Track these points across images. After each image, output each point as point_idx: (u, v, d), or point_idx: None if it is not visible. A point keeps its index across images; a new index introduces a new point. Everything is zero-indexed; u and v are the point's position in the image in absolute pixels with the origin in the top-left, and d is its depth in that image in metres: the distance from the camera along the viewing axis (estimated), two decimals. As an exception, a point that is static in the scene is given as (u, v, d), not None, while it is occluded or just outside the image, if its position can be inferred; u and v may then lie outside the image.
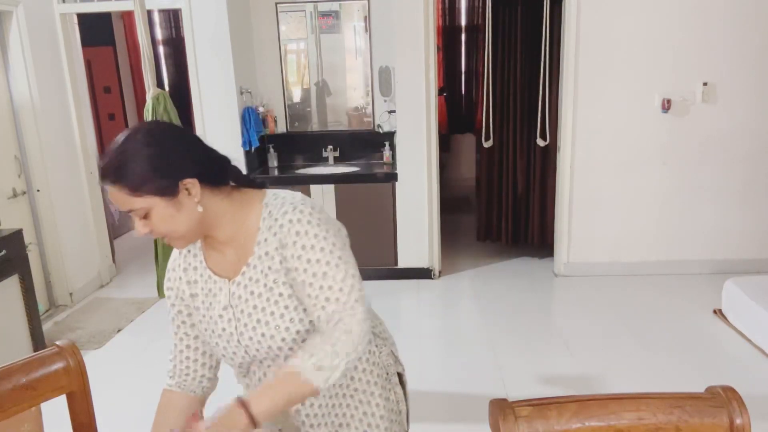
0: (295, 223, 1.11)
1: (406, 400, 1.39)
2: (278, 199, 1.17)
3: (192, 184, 1.08)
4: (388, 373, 1.32)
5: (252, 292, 1.16)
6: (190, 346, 1.29)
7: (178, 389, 1.30)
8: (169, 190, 1.06)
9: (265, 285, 1.15)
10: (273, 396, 1.07)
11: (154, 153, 1.05)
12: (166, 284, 1.30)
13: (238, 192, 1.18)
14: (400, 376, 1.38)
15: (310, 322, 1.15)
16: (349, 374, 1.26)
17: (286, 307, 1.15)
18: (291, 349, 1.16)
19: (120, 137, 1.08)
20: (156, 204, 1.06)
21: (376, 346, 1.31)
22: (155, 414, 1.31)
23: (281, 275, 1.14)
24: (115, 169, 1.05)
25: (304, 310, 1.14)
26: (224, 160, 1.17)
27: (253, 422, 1.05)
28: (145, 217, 1.08)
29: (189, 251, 1.25)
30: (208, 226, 1.14)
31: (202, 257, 1.23)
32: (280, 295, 1.14)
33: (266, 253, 1.14)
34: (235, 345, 1.20)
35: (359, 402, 1.28)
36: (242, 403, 1.05)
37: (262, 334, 1.16)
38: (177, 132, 1.14)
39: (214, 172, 1.13)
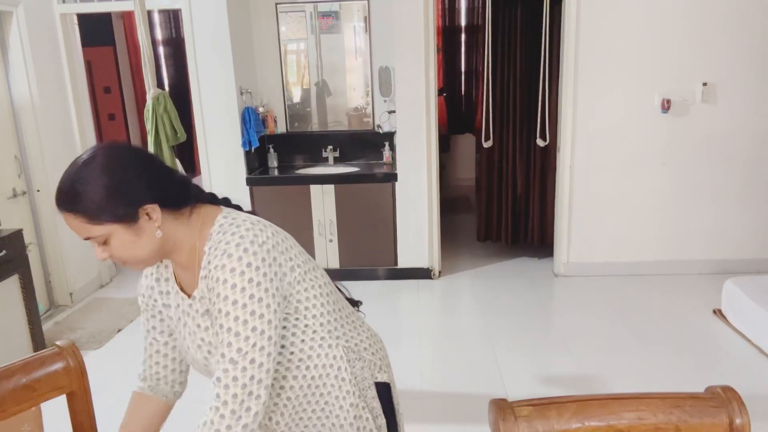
0: (219, 269, 1.05)
1: (392, 411, 1.36)
2: (221, 232, 1.10)
3: (152, 209, 1.07)
4: (361, 389, 1.26)
5: (198, 325, 1.17)
6: (160, 352, 1.30)
7: (150, 392, 1.32)
8: (128, 216, 1.04)
9: (205, 318, 1.16)
10: None
11: (112, 179, 1.03)
12: (138, 290, 1.29)
13: (197, 214, 1.15)
14: (383, 385, 1.33)
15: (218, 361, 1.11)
16: (318, 391, 1.23)
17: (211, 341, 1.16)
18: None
19: (77, 162, 1.06)
20: (115, 231, 1.05)
21: (348, 361, 1.24)
22: (124, 415, 1.31)
23: (211, 307, 1.11)
24: (71, 198, 1.04)
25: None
26: (185, 181, 1.15)
27: None
28: (105, 243, 1.07)
29: (162, 262, 1.24)
30: (167, 250, 1.13)
31: (172, 271, 1.23)
32: (217, 333, 1.10)
33: (203, 290, 1.14)
34: (192, 359, 1.23)
35: (328, 414, 1.25)
36: None
37: (205, 358, 1.18)
38: (135, 155, 1.10)
39: (175, 195, 1.11)
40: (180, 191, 1.13)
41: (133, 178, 1.06)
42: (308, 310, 1.17)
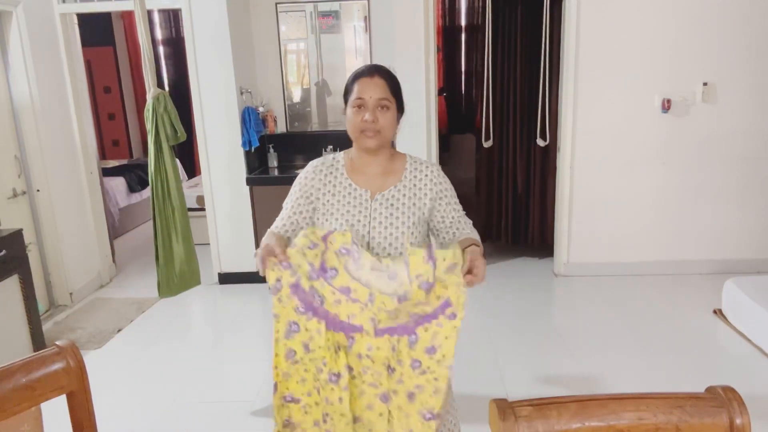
0: (437, 171, 1.72)
1: None
2: (415, 159, 1.74)
3: (400, 117, 1.69)
4: None
5: (392, 204, 1.63)
6: (302, 220, 1.69)
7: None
8: (401, 110, 1.68)
9: (404, 203, 1.64)
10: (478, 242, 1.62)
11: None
12: (302, 179, 1.71)
13: None
14: None
15: (412, 233, 1.63)
16: None
17: (411, 218, 1.63)
18: (396, 248, 1.60)
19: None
20: (393, 110, 1.62)
21: None
22: (265, 240, 1.59)
23: (424, 198, 1.65)
24: (392, 75, 1.65)
25: (414, 223, 1.63)
26: None
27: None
28: (383, 109, 1.59)
29: (332, 168, 1.70)
30: (387, 144, 1.68)
31: (346, 174, 1.69)
32: (412, 212, 1.63)
33: (414, 184, 1.66)
34: (361, 236, 1.60)
35: None
36: (477, 245, 1.54)
37: (390, 233, 1.60)
38: None
39: None
40: None
41: None
42: None
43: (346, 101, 1.65)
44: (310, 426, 1.52)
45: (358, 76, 1.62)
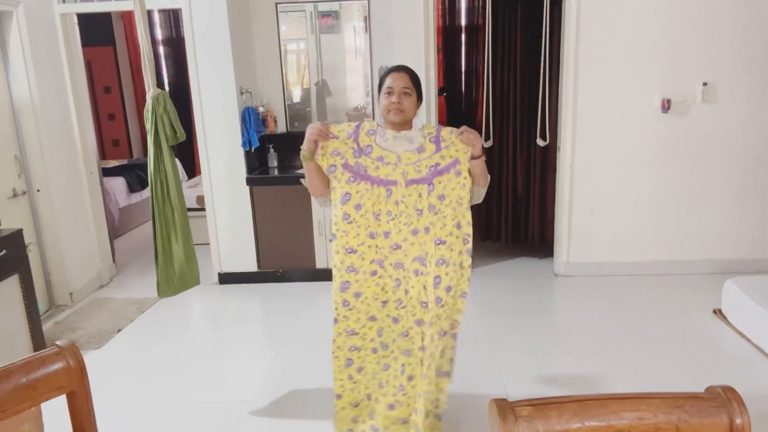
0: None
1: None
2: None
3: (419, 105, 2.18)
4: None
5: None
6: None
7: None
8: (420, 98, 2.18)
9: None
10: (484, 167, 2.11)
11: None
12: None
13: None
14: None
15: None
16: None
17: None
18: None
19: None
20: (413, 96, 2.13)
21: None
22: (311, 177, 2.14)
23: None
24: (413, 72, 2.16)
25: None
26: None
27: (479, 156, 2.06)
28: (406, 95, 2.09)
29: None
30: (408, 122, 2.16)
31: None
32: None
33: None
34: None
35: None
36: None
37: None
38: None
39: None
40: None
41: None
42: None
43: (380, 91, 2.15)
44: (368, 264, 2.11)
45: (389, 71, 2.15)
